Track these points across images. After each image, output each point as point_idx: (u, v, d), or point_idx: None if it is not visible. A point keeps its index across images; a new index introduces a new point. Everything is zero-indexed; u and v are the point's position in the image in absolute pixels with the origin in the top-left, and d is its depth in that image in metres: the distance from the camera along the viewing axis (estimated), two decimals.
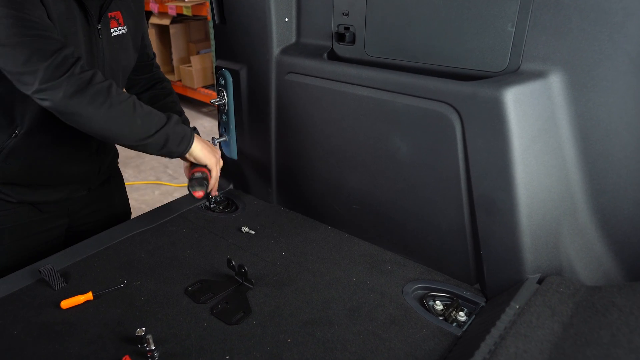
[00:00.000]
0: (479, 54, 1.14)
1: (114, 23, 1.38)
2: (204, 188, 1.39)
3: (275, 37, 1.48)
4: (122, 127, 1.23)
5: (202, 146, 1.39)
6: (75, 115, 1.18)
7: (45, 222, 1.49)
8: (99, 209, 1.64)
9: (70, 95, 1.14)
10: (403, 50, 1.28)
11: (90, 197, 1.59)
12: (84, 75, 1.16)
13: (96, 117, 1.18)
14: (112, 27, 1.37)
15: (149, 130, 1.26)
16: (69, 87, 1.13)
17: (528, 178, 1.06)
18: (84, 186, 1.54)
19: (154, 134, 1.26)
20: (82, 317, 1.17)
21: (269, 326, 1.13)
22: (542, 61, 1.03)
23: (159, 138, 1.27)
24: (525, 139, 1.04)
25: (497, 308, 1.04)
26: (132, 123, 1.23)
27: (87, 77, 1.16)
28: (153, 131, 1.26)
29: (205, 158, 1.39)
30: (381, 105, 1.27)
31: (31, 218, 1.45)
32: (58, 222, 1.53)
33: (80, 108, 1.16)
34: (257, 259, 1.39)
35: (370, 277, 1.30)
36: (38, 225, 1.48)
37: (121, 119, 1.22)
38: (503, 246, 1.12)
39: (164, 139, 1.29)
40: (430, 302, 1.22)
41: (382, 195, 1.36)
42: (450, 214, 1.22)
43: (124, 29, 1.42)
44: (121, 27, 1.41)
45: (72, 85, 1.14)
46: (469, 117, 1.10)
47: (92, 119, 1.19)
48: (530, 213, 1.07)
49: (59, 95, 1.13)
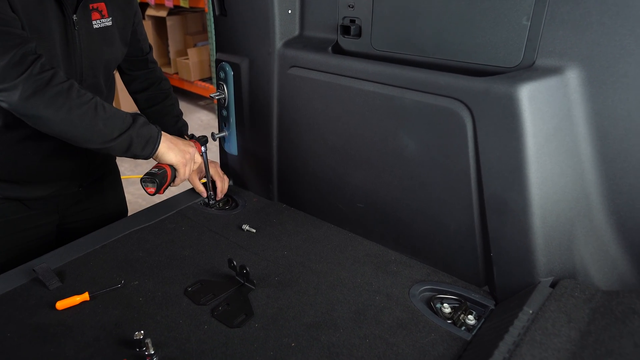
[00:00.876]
0: (491, 48, 1.10)
1: (97, 15, 1.32)
2: (155, 185, 1.33)
3: (277, 30, 1.44)
4: (83, 130, 1.18)
5: (170, 146, 1.33)
6: (33, 117, 1.13)
7: (33, 219, 1.45)
8: (90, 207, 1.60)
9: (27, 97, 1.09)
10: (411, 44, 1.24)
11: (82, 195, 1.54)
12: (43, 76, 1.10)
13: (55, 120, 1.13)
14: (94, 19, 1.31)
15: (111, 134, 1.21)
16: (26, 88, 1.08)
17: (542, 178, 1.02)
18: (74, 183, 1.49)
19: (116, 138, 1.21)
20: (78, 319, 1.13)
21: (272, 329, 1.10)
22: (559, 56, 0.99)
23: (122, 141, 1.22)
24: (540, 137, 1.01)
25: (509, 312, 1.00)
26: (94, 126, 1.18)
27: (46, 78, 1.10)
28: (116, 134, 1.21)
29: (173, 159, 1.34)
30: (388, 101, 1.23)
31: (18, 214, 1.41)
32: (47, 219, 1.49)
33: (38, 110, 1.11)
34: (259, 259, 1.35)
35: (376, 278, 1.26)
36: (26, 222, 1.43)
37: (82, 123, 1.16)
38: (514, 248, 1.08)
39: (128, 142, 1.23)
40: (438, 305, 1.18)
41: (388, 193, 1.32)
42: (459, 213, 1.18)
43: (109, 22, 1.35)
44: (105, 20, 1.34)
45: (30, 86, 1.08)
46: (481, 114, 1.06)
47: (51, 122, 1.14)
48: (544, 214, 1.03)
49: (15, 96, 1.08)
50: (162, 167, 1.35)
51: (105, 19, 1.34)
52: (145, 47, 1.62)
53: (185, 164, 1.37)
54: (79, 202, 1.55)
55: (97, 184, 1.60)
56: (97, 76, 1.37)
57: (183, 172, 1.38)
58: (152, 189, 1.33)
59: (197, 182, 1.64)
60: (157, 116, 1.65)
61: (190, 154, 1.39)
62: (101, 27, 1.34)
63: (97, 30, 1.32)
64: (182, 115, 1.71)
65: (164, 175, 1.34)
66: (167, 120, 1.65)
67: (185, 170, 1.38)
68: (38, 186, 1.40)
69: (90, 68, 1.34)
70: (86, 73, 1.33)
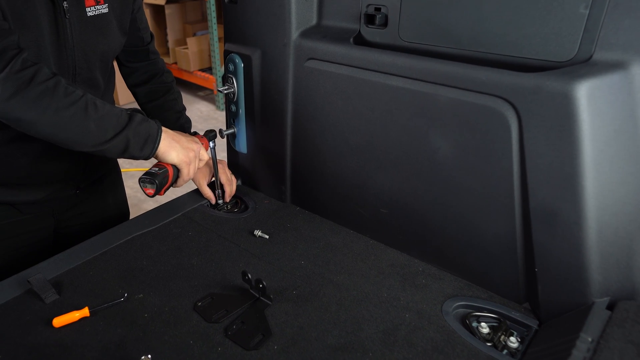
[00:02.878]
0: (540, 40, 0.98)
1: (91, 1, 1.19)
2: (155, 186, 1.20)
3: (294, 19, 1.31)
4: (73, 132, 1.05)
5: (171, 144, 1.20)
6: (16, 120, 1.01)
7: (27, 224, 1.34)
8: (88, 210, 1.48)
9: (7, 98, 0.97)
10: (445, 35, 1.12)
11: (79, 198, 1.43)
12: (25, 74, 0.98)
13: (41, 122, 1.01)
14: (87, 6, 1.19)
15: (105, 135, 1.08)
16: (5, 89, 0.96)
17: (599, 187, 0.91)
18: (70, 185, 1.37)
19: (111, 139, 1.09)
20: (77, 338, 1.02)
21: (292, 352, 0.99)
22: (623, 49, 0.88)
23: (118, 142, 1.10)
24: (599, 141, 0.89)
25: (562, 338, 0.89)
26: (85, 128, 1.05)
27: (28, 75, 0.98)
28: (110, 135, 1.08)
29: (175, 158, 1.21)
30: (419, 98, 1.11)
31: (9, 219, 1.30)
32: (42, 224, 1.38)
33: (21, 112, 0.99)
34: (274, 269, 1.24)
35: (404, 292, 1.15)
36: (18, 227, 1.32)
37: (71, 124, 1.04)
38: (564, 264, 0.98)
39: (124, 143, 1.11)
40: (475, 324, 1.07)
41: (416, 199, 1.21)
42: (499, 223, 1.07)
43: (104, 8, 1.23)
44: (100, 6, 1.22)
45: (10, 86, 0.96)
46: (529, 114, 0.95)
47: (37, 125, 1.02)
48: (600, 227, 0.92)
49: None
50: (163, 166, 1.23)
51: (100, 5, 1.22)
52: (147, 36, 1.49)
53: (189, 162, 1.24)
54: (76, 205, 1.44)
55: (96, 185, 1.49)
56: (92, 69, 1.25)
57: (187, 172, 1.25)
58: (151, 190, 1.22)
59: (203, 185, 1.52)
60: (157, 112, 1.53)
61: (194, 152, 1.26)
62: (96, 15, 1.21)
63: (91, 18, 1.20)
64: (185, 111, 1.59)
65: (164, 175, 1.22)
66: (169, 116, 1.53)
67: (189, 170, 1.25)
68: (29, 189, 1.29)
69: (85, 61, 1.22)
70: (80, 66, 1.21)
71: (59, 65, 1.16)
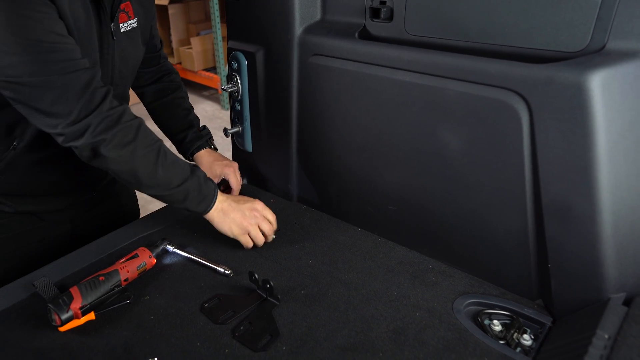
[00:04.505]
0: (551, 30, 0.95)
1: (124, 17, 1.18)
2: None
3: (298, 14, 1.29)
4: (142, 174, 1.09)
5: (225, 212, 1.21)
6: (94, 156, 1.04)
7: (45, 230, 1.33)
8: (105, 210, 1.47)
9: (96, 134, 1.01)
10: (452, 28, 1.09)
11: (95, 201, 1.42)
12: (114, 112, 1.02)
13: (114, 157, 1.04)
14: (121, 22, 1.17)
15: (170, 183, 1.11)
16: (95, 126, 1.00)
17: (615, 180, 0.88)
18: (89, 188, 1.38)
19: (175, 187, 1.12)
20: (83, 342, 1.01)
21: (301, 353, 0.97)
22: (637, 38, 0.85)
23: (179, 192, 1.13)
24: (614, 133, 0.87)
25: (578, 335, 0.87)
26: (153, 172, 1.09)
27: (116, 115, 1.02)
28: (175, 184, 1.12)
29: (227, 230, 1.22)
30: (427, 93, 1.09)
31: (29, 226, 1.29)
32: (60, 230, 1.37)
33: (104, 150, 1.02)
34: (281, 268, 1.22)
35: (414, 290, 1.13)
36: (36, 235, 1.31)
37: (142, 165, 1.07)
38: (579, 259, 0.95)
39: (184, 195, 1.14)
40: (487, 321, 1.05)
41: (425, 195, 1.18)
42: (510, 218, 1.05)
43: (134, 23, 1.22)
44: (131, 21, 1.21)
45: (100, 124, 1.00)
46: (541, 107, 0.92)
47: (109, 160, 1.04)
48: (616, 222, 0.90)
49: (84, 135, 1.00)
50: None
51: (131, 20, 1.21)
52: (158, 42, 1.48)
53: (247, 230, 1.24)
54: (92, 208, 1.43)
55: (111, 185, 1.48)
56: (125, 84, 1.28)
57: (246, 241, 1.25)
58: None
59: None
60: (166, 109, 1.51)
61: (257, 213, 1.24)
62: (129, 31, 1.20)
63: (124, 34, 1.19)
64: (193, 110, 1.57)
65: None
66: (178, 112, 1.52)
67: (250, 237, 1.25)
68: (55, 198, 1.30)
69: (120, 77, 1.23)
70: (116, 83, 1.21)
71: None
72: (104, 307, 1.08)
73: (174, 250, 1.26)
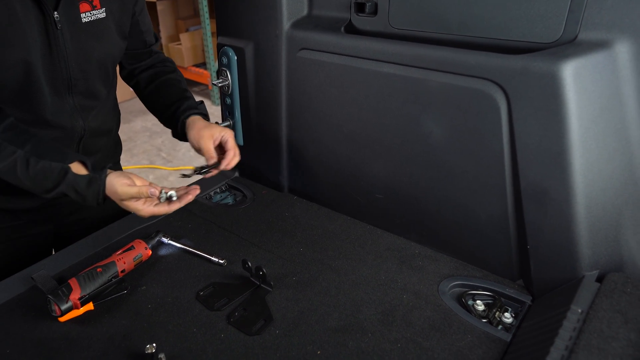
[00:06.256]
0: (525, 22, 0.99)
1: (86, 6, 1.13)
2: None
3: (285, 9, 1.32)
4: (14, 183, 1.08)
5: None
6: None
7: (24, 228, 1.32)
8: (88, 215, 1.44)
9: None
10: (434, 21, 1.13)
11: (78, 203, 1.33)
12: None
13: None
14: (83, 12, 1.12)
15: (43, 188, 1.09)
16: None
17: (587, 164, 0.93)
18: None
19: (50, 191, 1.09)
20: (82, 331, 1.04)
21: (294, 336, 1.01)
22: (607, 29, 0.90)
23: (58, 195, 1.10)
24: (585, 119, 0.91)
25: (554, 311, 0.92)
26: (20, 183, 1.08)
27: None
28: (49, 188, 1.08)
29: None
30: (411, 84, 1.13)
31: (7, 223, 1.29)
32: (40, 229, 1.36)
33: None
34: (273, 257, 1.26)
35: (401, 275, 1.18)
36: (15, 232, 1.31)
37: (7, 177, 1.07)
38: (555, 240, 1.00)
39: (64, 195, 1.10)
40: (470, 302, 1.10)
41: (410, 183, 1.23)
42: (491, 203, 1.10)
43: (101, 13, 1.16)
44: (97, 11, 1.15)
45: None
46: (518, 95, 0.97)
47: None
48: (589, 203, 0.95)
49: None
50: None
51: (96, 10, 1.15)
52: (150, 38, 1.40)
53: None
54: (77, 210, 1.41)
55: None
56: (89, 79, 1.20)
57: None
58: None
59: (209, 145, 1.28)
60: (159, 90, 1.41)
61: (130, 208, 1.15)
62: (93, 21, 1.15)
63: (86, 24, 1.14)
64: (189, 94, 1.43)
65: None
66: (172, 90, 1.40)
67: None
68: (26, 197, 1.25)
69: (80, 71, 1.16)
70: (75, 77, 1.16)
71: (53, 79, 1.12)
72: (102, 297, 1.12)
73: (169, 242, 1.30)
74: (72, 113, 1.20)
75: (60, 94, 1.16)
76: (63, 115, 1.18)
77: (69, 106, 1.18)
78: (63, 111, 1.18)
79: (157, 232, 1.29)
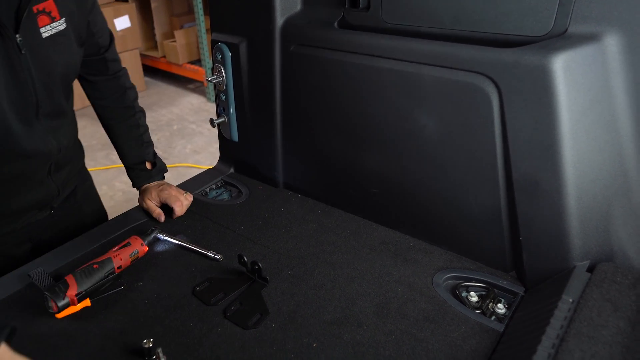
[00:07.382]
0: (517, 16, 1.00)
1: (45, 19, 1.01)
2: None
3: (278, 5, 1.33)
4: None
5: None
6: None
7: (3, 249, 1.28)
8: (65, 227, 1.39)
9: None
10: (426, 16, 1.14)
11: (54, 217, 1.34)
12: None
13: None
14: (42, 26, 1.02)
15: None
16: None
17: (577, 156, 0.94)
18: (45, 209, 1.31)
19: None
20: (80, 327, 1.05)
21: (290, 329, 1.02)
22: (596, 22, 0.91)
23: None
24: (576, 112, 0.92)
25: (546, 301, 0.94)
26: None
27: None
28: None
29: None
30: (404, 78, 1.14)
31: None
32: (18, 250, 1.31)
33: None
34: (269, 251, 1.27)
35: (395, 268, 1.19)
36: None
37: None
38: (547, 231, 1.01)
39: None
40: (464, 293, 1.11)
41: (404, 177, 1.24)
42: (484, 196, 1.11)
43: (61, 24, 1.05)
44: (57, 23, 1.04)
45: None
46: (509, 88, 0.98)
47: None
48: (579, 194, 0.96)
49: None
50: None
51: (56, 22, 1.04)
52: (103, 40, 1.26)
53: None
54: (53, 224, 1.36)
55: (71, 199, 1.39)
56: (54, 97, 1.12)
57: None
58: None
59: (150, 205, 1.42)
60: (118, 136, 1.41)
61: None
62: (54, 35, 1.04)
63: (47, 40, 1.03)
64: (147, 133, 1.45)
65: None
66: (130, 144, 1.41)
67: None
68: (7, 219, 1.22)
69: (46, 90, 1.07)
70: (42, 99, 1.07)
71: (18, 105, 1.02)
72: (99, 293, 1.13)
73: (165, 238, 1.30)
74: (43, 137, 1.14)
75: (29, 122, 1.08)
76: (35, 141, 1.12)
77: (39, 131, 1.12)
78: (35, 138, 1.11)
79: (154, 229, 1.30)
